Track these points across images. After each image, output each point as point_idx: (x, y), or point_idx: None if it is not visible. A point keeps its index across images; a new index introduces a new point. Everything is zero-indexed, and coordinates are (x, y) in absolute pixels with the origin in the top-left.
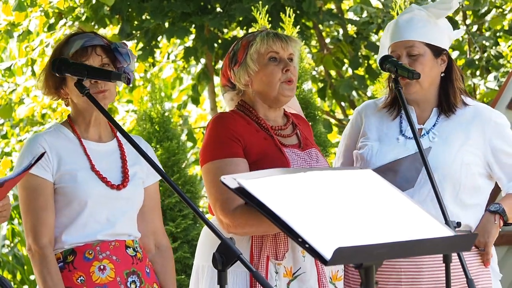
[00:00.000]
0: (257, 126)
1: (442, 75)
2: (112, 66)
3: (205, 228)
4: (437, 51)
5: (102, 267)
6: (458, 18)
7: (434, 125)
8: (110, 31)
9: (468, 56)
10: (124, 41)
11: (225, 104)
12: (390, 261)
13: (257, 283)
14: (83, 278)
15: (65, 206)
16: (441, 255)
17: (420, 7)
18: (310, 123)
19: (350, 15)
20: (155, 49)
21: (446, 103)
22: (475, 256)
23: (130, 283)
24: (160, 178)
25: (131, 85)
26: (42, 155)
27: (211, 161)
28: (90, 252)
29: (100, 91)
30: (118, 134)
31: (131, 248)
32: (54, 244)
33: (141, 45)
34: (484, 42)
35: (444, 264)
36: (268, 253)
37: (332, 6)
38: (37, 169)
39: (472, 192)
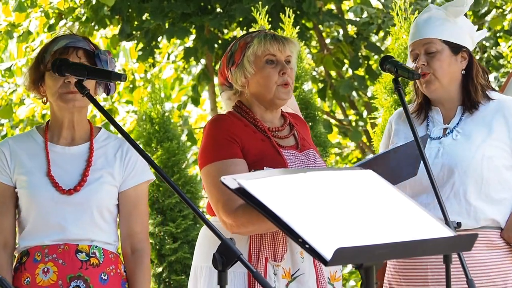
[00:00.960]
0: (254, 128)
1: (463, 72)
2: None
3: (203, 229)
4: (455, 48)
5: (46, 269)
6: (467, 9)
7: (458, 123)
8: (110, 31)
9: None
10: (109, 51)
11: (223, 104)
12: (415, 258)
13: (256, 283)
14: (29, 280)
15: (20, 211)
16: (467, 252)
17: (438, 6)
18: (310, 124)
19: (350, 16)
20: (155, 50)
21: (469, 100)
22: (508, 253)
23: None
24: (146, 180)
25: (109, 95)
26: None
27: (210, 163)
28: (39, 254)
29: (70, 91)
30: (98, 135)
31: (84, 253)
32: (17, 246)
33: (141, 45)
34: (484, 42)
35: (470, 261)
36: (267, 254)
37: (332, 6)
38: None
39: (498, 186)
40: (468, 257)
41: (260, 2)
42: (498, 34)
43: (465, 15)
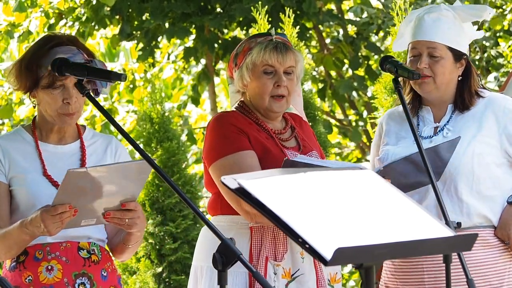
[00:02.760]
0: (258, 127)
1: (459, 78)
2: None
3: (204, 229)
4: (457, 56)
5: (49, 267)
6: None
7: (448, 121)
8: (110, 31)
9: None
10: (103, 62)
11: (230, 96)
12: (411, 261)
13: (257, 283)
14: (31, 278)
15: (16, 209)
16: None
17: (448, 7)
18: (310, 124)
19: (350, 16)
20: (155, 50)
21: (462, 103)
22: (503, 251)
23: (79, 285)
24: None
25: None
26: None
27: (222, 157)
28: (40, 252)
29: (69, 113)
30: (84, 134)
31: (85, 250)
32: None
33: (141, 45)
34: (484, 42)
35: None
36: (267, 254)
37: (332, 6)
38: None
39: (489, 183)
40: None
41: (260, 2)
42: (498, 34)
43: None
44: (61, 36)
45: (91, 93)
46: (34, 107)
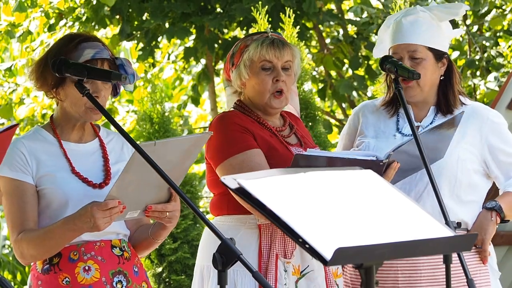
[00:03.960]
0: (260, 126)
1: (441, 78)
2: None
3: (208, 229)
4: (438, 55)
5: (87, 267)
6: (458, 18)
7: (431, 123)
8: (110, 31)
9: (468, 57)
10: (129, 60)
11: (225, 99)
12: (385, 262)
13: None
14: (69, 280)
15: (46, 208)
16: (439, 255)
17: (424, 8)
18: (310, 124)
19: (350, 16)
20: (155, 50)
21: (445, 105)
22: (473, 254)
23: (116, 283)
24: None
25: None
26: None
27: (231, 157)
28: (75, 253)
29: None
30: (100, 133)
31: (118, 248)
32: None
33: (141, 45)
34: (484, 42)
35: (442, 263)
36: (277, 251)
37: (332, 6)
38: (16, 172)
39: (468, 189)
40: (436, 259)
41: (260, 2)
42: (498, 34)
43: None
44: (85, 33)
45: (90, 93)
46: (57, 104)
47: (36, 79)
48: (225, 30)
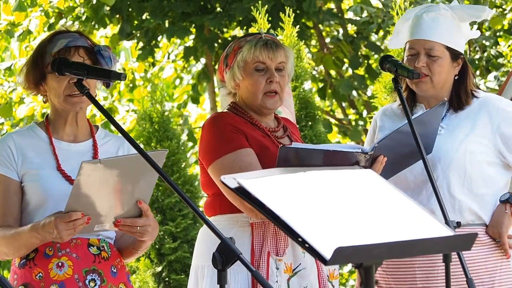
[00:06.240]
0: (252, 126)
1: (456, 77)
2: None
3: (203, 228)
4: (455, 55)
5: (60, 264)
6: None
7: (442, 119)
8: (110, 30)
9: (468, 56)
10: (107, 45)
11: (220, 100)
12: (403, 259)
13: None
14: (42, 275)
15: (27, 205)
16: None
17: (446, 6)
18: (309, 123)
19: (350, 15)
20: (155, 49)
21: (457, 103)
22: (495, 249)
23: (89, 281)
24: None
25: (109, 93)
26: None
27: (221, 156)
28: (50, 249)
29: (75, 93)
30: (97, 134)
31: (95, 247)
32: None
33: (141, 44)
34: (484, 42)
35: (457, 260)
36: (269, 249)
37: (332, 5)
38: (2, 167)
39: (480, 181)
40: (454, 255)
41: (260, 2)
42: (498, 34)
43: None
44: (66, 30)
45: (89, 92)
46: (46, 101)
47: (23, 81)
48: (225, 30)
